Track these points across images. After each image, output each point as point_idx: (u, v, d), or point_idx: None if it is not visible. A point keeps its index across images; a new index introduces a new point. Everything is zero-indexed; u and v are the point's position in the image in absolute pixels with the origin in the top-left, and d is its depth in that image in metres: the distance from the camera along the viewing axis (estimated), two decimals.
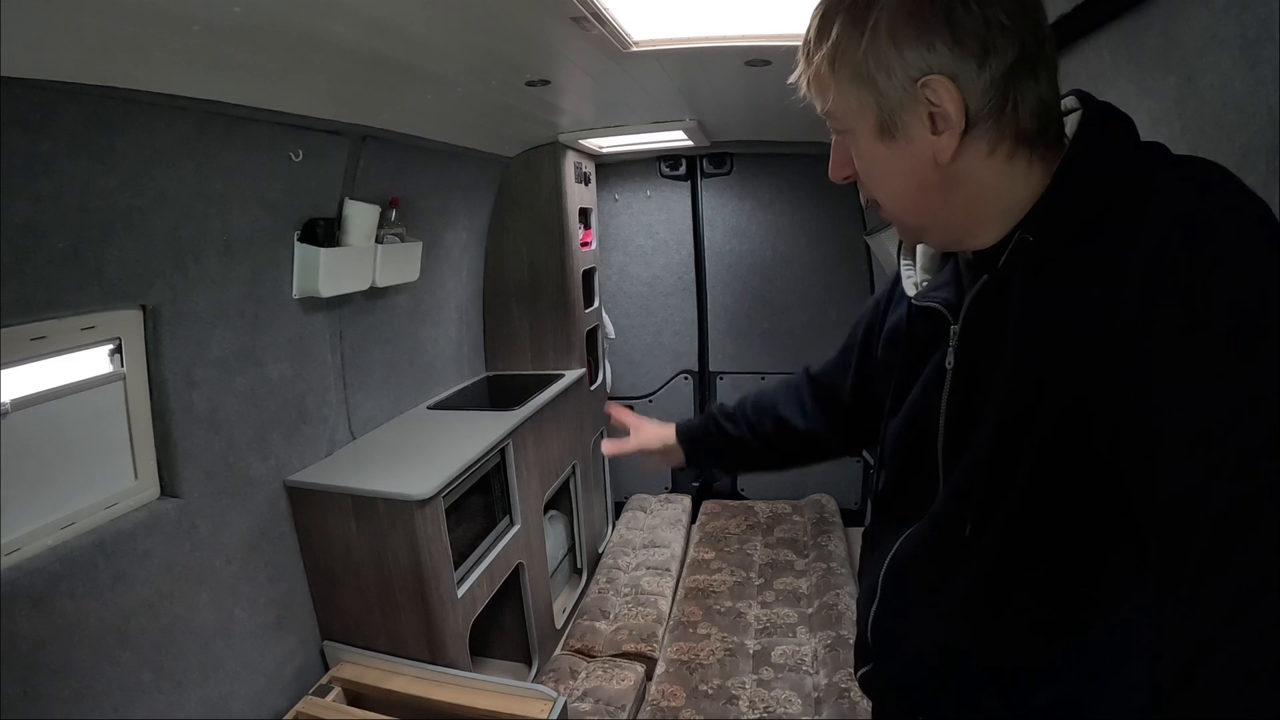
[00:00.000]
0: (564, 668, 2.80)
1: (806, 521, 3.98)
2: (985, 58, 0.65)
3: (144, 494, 1.78)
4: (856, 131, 0.74)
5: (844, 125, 0.75)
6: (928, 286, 0.89)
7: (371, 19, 1.46)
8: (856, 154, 0.76)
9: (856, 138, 0.75)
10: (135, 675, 1.67)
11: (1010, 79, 0.66)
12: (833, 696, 2.52)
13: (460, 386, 3.39)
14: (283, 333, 2.20)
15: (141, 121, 1.54)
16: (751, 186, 4.17)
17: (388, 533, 2.14)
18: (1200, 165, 0.63)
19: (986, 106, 0.67)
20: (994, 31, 0.65)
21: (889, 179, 0.75)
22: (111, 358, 1.71)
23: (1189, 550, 0.50)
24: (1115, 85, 1.20)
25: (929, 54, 0.66)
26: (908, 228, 0.82)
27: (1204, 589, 0.48)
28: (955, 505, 0.77)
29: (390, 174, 2.51)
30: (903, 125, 0.70)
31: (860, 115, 0.72)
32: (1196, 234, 0.56)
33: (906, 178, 0.73)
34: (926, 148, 0.70)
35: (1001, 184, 0.71)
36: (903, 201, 0.77)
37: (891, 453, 0.94)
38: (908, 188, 0.74)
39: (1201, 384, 0.52)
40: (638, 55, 1.99)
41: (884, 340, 1.01)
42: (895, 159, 0.73)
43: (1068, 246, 0.67)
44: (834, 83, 0.73)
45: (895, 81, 0.68)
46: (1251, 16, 0.86)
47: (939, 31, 0.65)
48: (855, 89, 0.71)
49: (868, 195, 0.79)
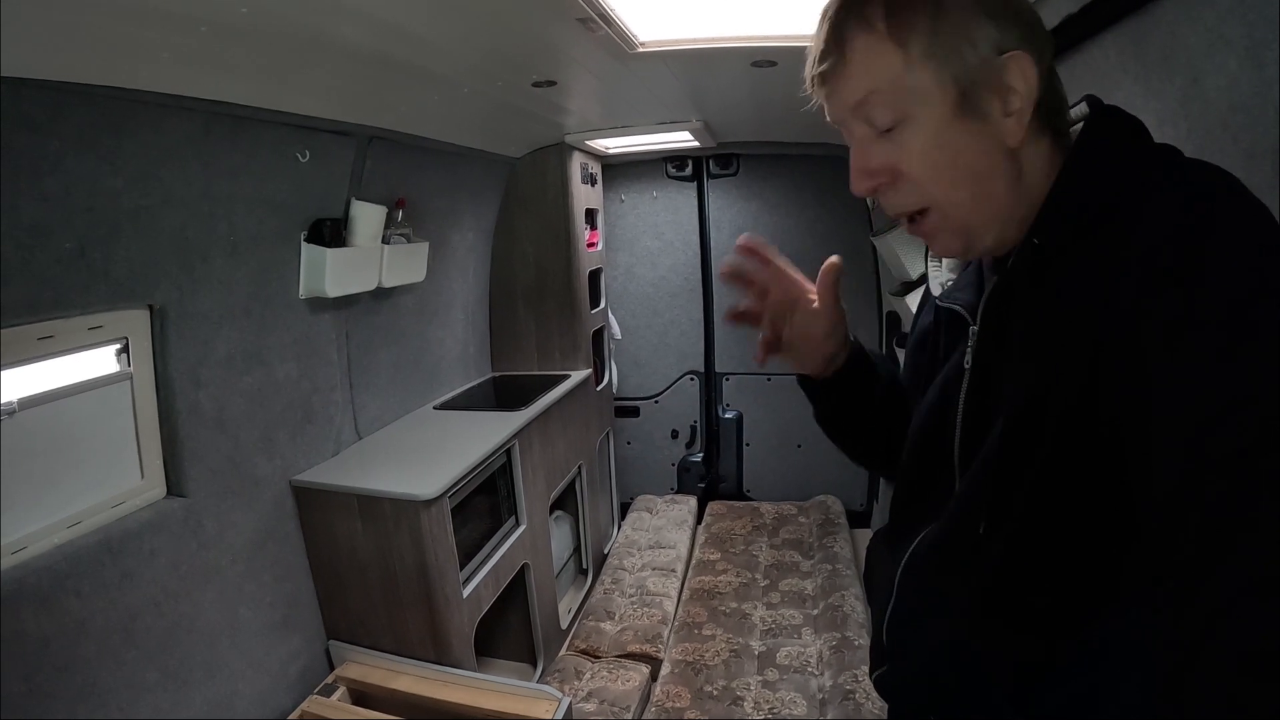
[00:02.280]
0: (569, 668, 2.80)
1: (812, 523, 3.97)
2: (1042, 46, 0.67)
3: (150, 493, 1.79)
4: (920, 117, 0.68)
5: (901, 113, 0.69)
6: (951, 287, 0.89)
7: (378, 20, 1.46)
8: (917, 146, 0.69)
9: (920, 124, 0.68)
10: (141, 674, 1.67)
11: (1053, 70, 0.69)
12: (838, 698, 2.51)
13: (466, 387, 3.40)
14: (289, 333, 2.20)
15: (148, 122, 1.55)
16: (758, 188, 4.16)
17: (393, 532, 2.15)
18: (1202, 168, 0.63)
19: (1044, 93, 0.67)
20: (1039, 25, 0.68)
21: (957, 169, 0.69)
22: (118, 357, 1.71)
23: (1184, 545, 0.49)
24: (1121, 87, 1.20)
25: (1007, 29, 0.66)
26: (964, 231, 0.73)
27: (1198, 584, 0.48)
28: (968, 504, 0.77)
29: (397, 175, 2.51)
30: (983, 102, 0.67)
31: (934, 96, 0.67)
32: (1193, 232, 0.56)
33: (977, 165, 0.69)
34: (999, 129, 0.68)
35: (1042, 177, 0.70)
36: (969, 194, 0.71)
37: (912, 453, 0.93)
38: (978, 176, 0.70)
39: (1195, 380, 0.52)
40: (644, 56, 1.99)
41: (914, 345, 1.01)
42: (970, 143, 0.68)
43: (1070, 247, 0.67)
44: (902, 59, 0.67)
45: (979, 52, 0.66)
46: (1258, 18, 0.85)
47: (1007, 12, 0.66)
48: (932, 64, 0.66)
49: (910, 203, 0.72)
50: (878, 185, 0.73)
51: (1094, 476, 0.63)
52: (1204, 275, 0.54)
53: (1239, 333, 0.51)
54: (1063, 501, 0.67)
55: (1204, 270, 0.54)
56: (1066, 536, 0.68)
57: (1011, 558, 0.73)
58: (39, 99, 1.31)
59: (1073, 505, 0.67)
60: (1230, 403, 0.49)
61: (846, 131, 0.74)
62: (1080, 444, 0.64)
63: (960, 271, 0.90)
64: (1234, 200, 0.58)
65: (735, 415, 4.40)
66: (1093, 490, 0.64)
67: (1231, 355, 0.50)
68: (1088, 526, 0.67)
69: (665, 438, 4.54)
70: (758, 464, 4.44)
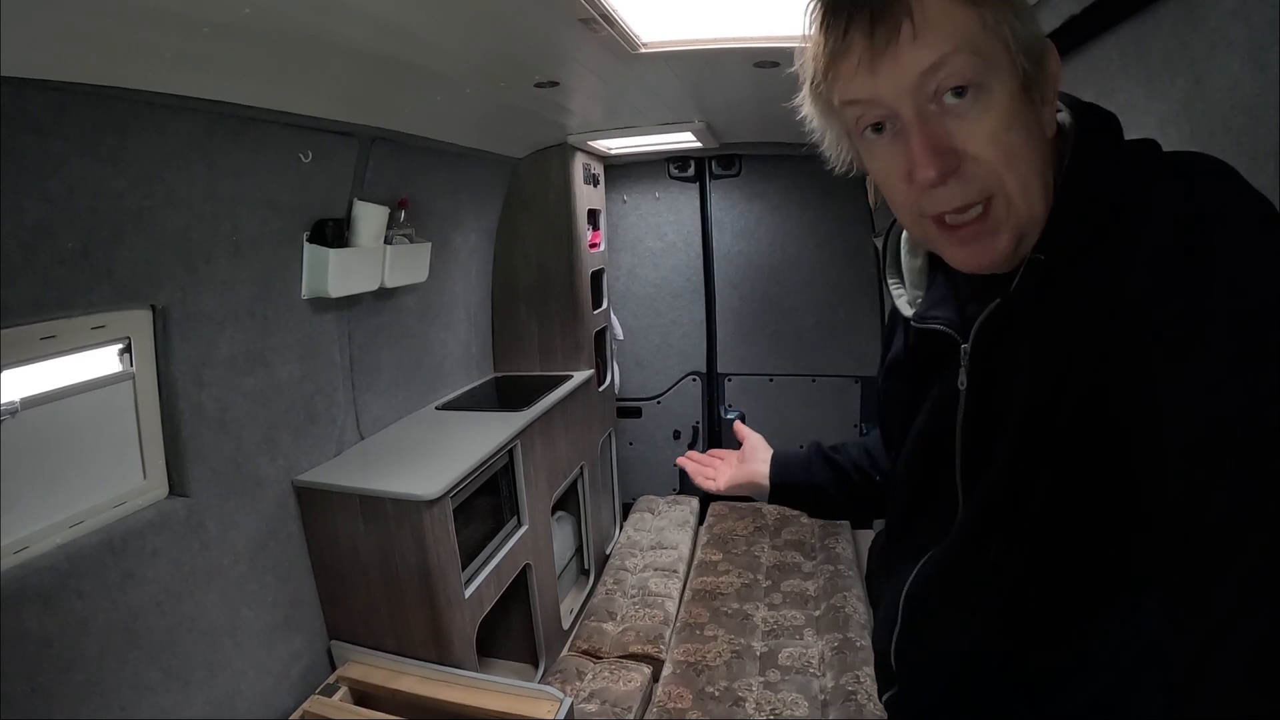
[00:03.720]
0: (571, 669, 2.80)
1: (814, 524, 3.96)
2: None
3: (153, 493, 1.79)
4: (994, 88, 0.62)
5: (978, 79, 0.62)
6: (923, 306, 0.85)
7: (381, 21, 1.46)
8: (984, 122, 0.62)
9: (994, 96, 0.62)
10: (143, 674, 1.67)
11: None
12: (839, 699, 2.50)
13: (469, 387, 3.40)
14: (292, 333, 2.21)
15: (152, 123, 1.55)
16: (760, 188, 4.16)
17: (395, 533, 2.15)
18: (1197, 162, 0.62)
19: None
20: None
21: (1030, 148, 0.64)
22: (121, 357, 1.72)
23: (1195, 550, 0.49)
24: (1124, 87, 1.20)
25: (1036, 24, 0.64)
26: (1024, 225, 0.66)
27: (1209, 589, 0.48)
28: (977, 526, 0.76)
29: (399, 175, 2.52)
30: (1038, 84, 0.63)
31: (1006, 65, 0.61)
32: (1195, 235, 0.55)
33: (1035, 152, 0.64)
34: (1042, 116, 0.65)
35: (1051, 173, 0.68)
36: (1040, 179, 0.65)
37: (906, 478, 0.92)
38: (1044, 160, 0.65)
39: (1205, 386, 0.51)
40: (646, 57, 1.99)
41: (886, 373, 0.97)
42: (1031, 125, 0.63)
43: (1075, 260, 0.65)
44: (976, 20, 0.61)
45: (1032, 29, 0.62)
46: (1260, 19, 0.85)
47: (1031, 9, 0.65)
48: (1004, 29, 0.61)
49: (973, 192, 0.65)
50: (949, 169, 0.63)
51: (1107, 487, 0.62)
52: (1211, 280, 0.53)
53: (1247, 337, 0.50)
54: (1078, 516, 0.66)
55: (1210, 275, 0.53)
56: (1082, 551, 0.68)
57: (1027, 576, 0.72)
58: (42, 100, 1.31)
59: (1088, 519, 0.66)
60: (1241, 406, 0.49)
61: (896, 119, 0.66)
62: (1093, 456, 0.63)
63: (925, 289, 0.87)
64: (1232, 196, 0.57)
65: (737, 416, 4.38)
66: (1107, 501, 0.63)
67: (1241, 359, 0.50)
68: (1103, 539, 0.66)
69: (667, 438, 4.54)
70: None
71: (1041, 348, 0.68)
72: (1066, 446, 0.65)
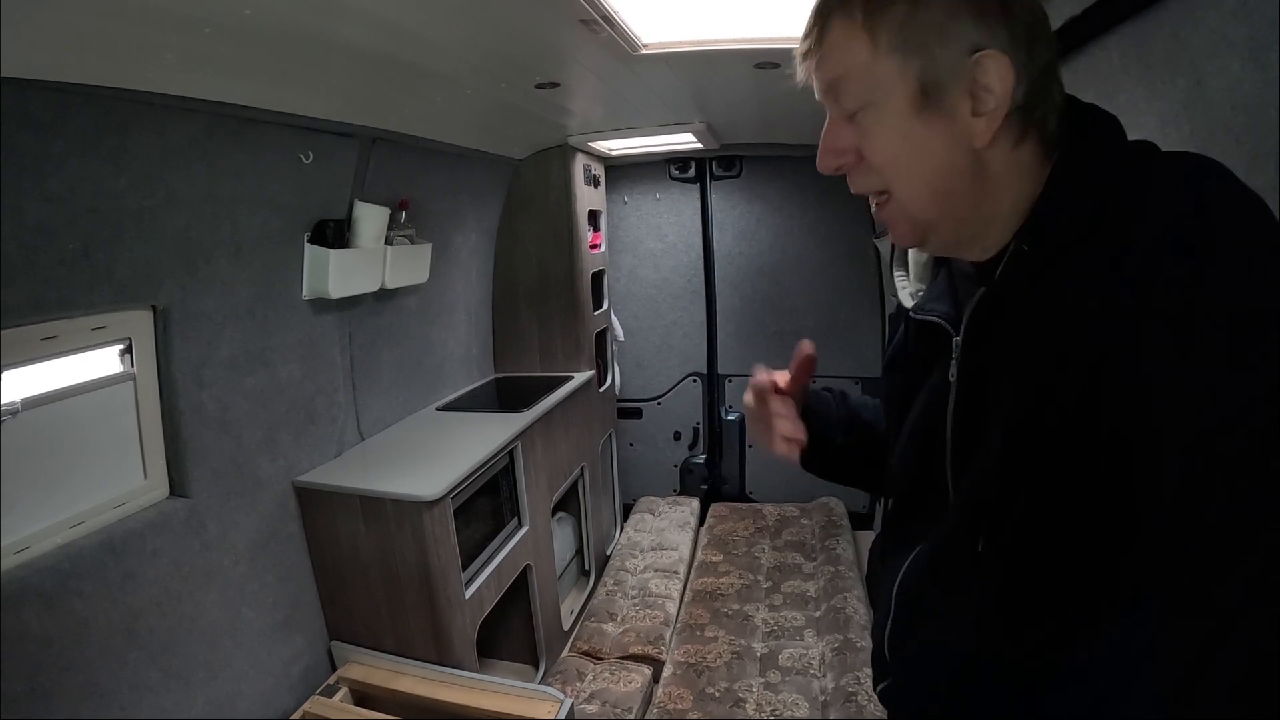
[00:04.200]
0: (571, 669, 2.80)
1: (815, 525, 3.97)
2: (1033, 48, 0.66)
3: (153, 493, 1.79)
4: (883, 105, 0.69)
5: (866, 98, 0.70)
6: (924, 298, 0.88)
7: (381, 22, 1.46)
8: (877, 133, 0.71)
9: (882, 112, 0.70)
10: (143, 674, 1.67)
11: (1046, 76, 0.67)
12: (840, 700, 2.50)
13: (469, 388, 3.40)
14: (292, 334, 2.21)
15: (152, 123, 1.55)
16: (760, 189, 4.17)
17: (396, 534, 2.15)
18: (1193, 163, 0.62)
19: (1024, 98, 0.67)
20: (1039, 27, 0.67)
21: (916, 161, 0.70)
22: (122, 358, 1.72)
23: (1193, 551, 0.50)
24: (1124, 88, 1.20)
25: (987, 29, 0.66)
26: (919, 223, 0.74)
27: (1207, 590, 0.48)
28: (965, 518, 0.76)
29: (400, 176, 2.52)
30: (946, 99, 0.67)
31: (895, 85, 0.68)
32: (1191, 236, 0.55)
33: (936, 159, 0.69)
34: (965, 128, 0.67)
35: (1017, 182, 0.70)
36: (926, 187, 0.71)
37: (900, 470, 0.92)
38: (935, 171, 0.70)
39: (1199, 388, 0.51)
40: (647, 58, 1.99)
41: (889, 362, 1.00)
42: (929, 137, 0.69)
43: (1063, 254, 0.66)
44: (870, 48, 0.68)
45: (950, 50, 0.66)
46: (1260, 19, 0.85)
47: (996, 13, 0.66)
48: (898, 55, 0.67)
49: (870, 187, 0.74)
50: (841, 165, 0.75)
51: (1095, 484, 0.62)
52: (1206, 280, 0.53)
53: (1241, 340, 0.50)
54: (1063, 510, 0.66)
55: (1206, 275, 0.53)
56: (1066, 545, 0.67)
57: (1011, 568, 0.72)
58: (43, 100, 1.32)
59: (1074, 516, 0.66)
60: (1238, 407, 0.49)
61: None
62: (1080, 453, 0.63)
63: (929, 281, 0.90)
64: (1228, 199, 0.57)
65: (738, 417, 4.39)
66: (1093, 499, 0.63)
67: (1234, 363, 0.50)
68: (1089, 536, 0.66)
69: (668, 439, 4.55)
70: (760, 466, 4.44)
71: (1029, 342, 0.68)
72: (1052, 444, 0.65)
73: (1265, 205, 0.56)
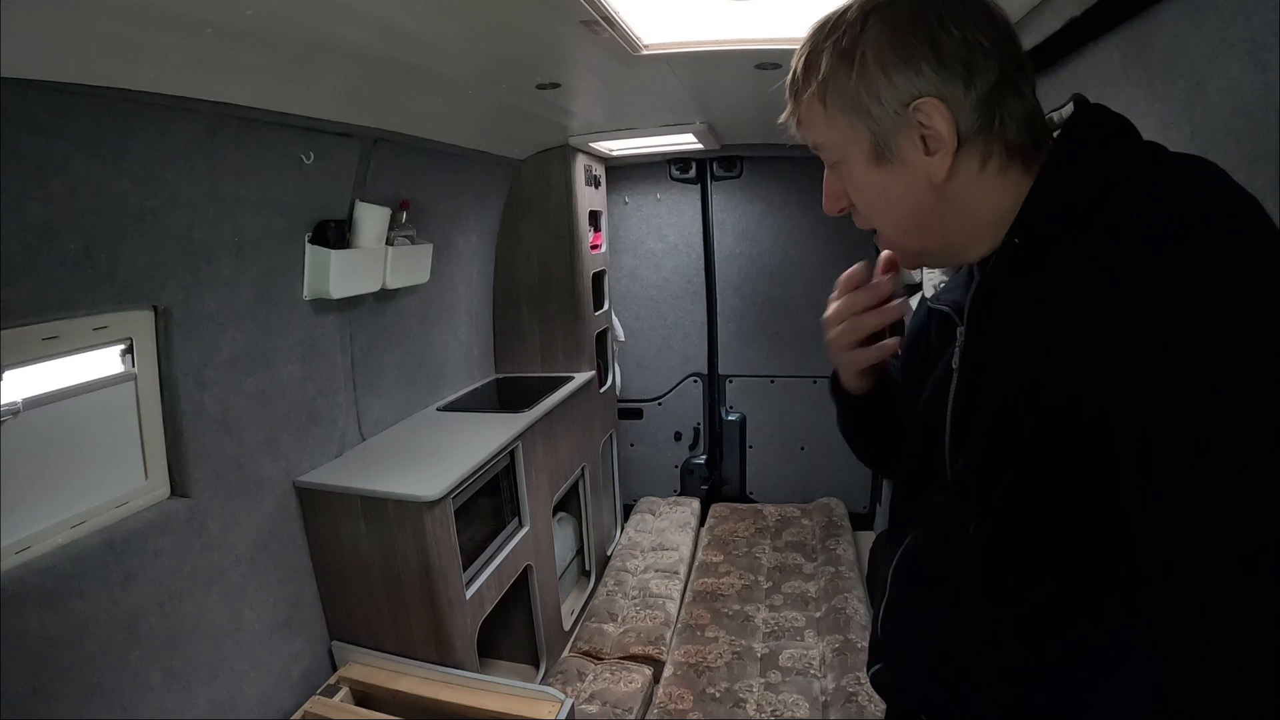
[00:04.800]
0: (571, 670, 2.80)
1: (815, 525, 3.97)
2: (970, 78, 0.68)
3: (154, 494, 1.79)
4: (850, 161, 0.76)
5: (837, 156, 0.78)
6: (943, 288, 0.91)
7: (382, 22, 1.46)
8: (852, 184, 0.78)
9: (850, 167, 0.77)
10: (144, 674, 1.67)
11: (995, 96, 0.69)
12: (840, 700, 2.51)
13: (470, 388, 3.40)
14: (293, 334, 2.21)
15: (154, 124, 1.55)
16: (761, 190, 4.16)
17: (397, 534, 2.15)
18: (1191, 163, 0.63)
19: (976, 124, 0.69)
20: (975, 53, 0.68)
21: (886, 205, 0.77)
22: (123, 358, 1.72)
23: (1187, 549, 0.50)
24: (1124, 89, 1.20)
25: (917, 78, 0.69)
26: (908, 252, 0.83)
27: (1202, 588, 0.48)
28: (956, 504, 0.78)
29: (401, 176, 2.52)
30: (897, 149, 0.72)
31: (853, 144, 0.75)
32: (1185, 232, 0.55)
33: (903, 201, 0.75)
34: (921, 169, 0.72)
35: (994, 197, 0.72)
36: (902, 226, 0.79)
37: (907, 455, 0.94)
38: (905, 211, 0.76)
39: (1194, 384, 0.51)
40: (648, 58, 1.99)
41: (907, 347, 1.03)
42: (891, 184, 0.75)
43: (1053, 246, 0.68)
44: (825, 116, 0.75)
45: (887, 107, 0.71)
46: (1260, 21, 0.85)
47: (924, 56, 0.68)
48: (847, 118, 0.74)
49: (865, 225, 0.81)
50: (842, 207, 0.82)
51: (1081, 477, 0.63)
52: (1198, 276, 0.53)
53: (1234, 337, 0.51)
54: (1044, 503, 0.67)
55: (1198, 271, 0.54)
56: (1051, 536, 0.68)
57: (995, 556, 0.73)
58: (45, 100, 1.32)
59: (1054, 507, 0.67)
60: (1231, 406, 0.49)
61: None
62: (1067, 445, 0.64)
63: (954, 273, 0.91)
64: (1223, 198, 0.57)
65: (738, 417, 4.40)
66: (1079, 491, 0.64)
67: (1230, 357, 0.50)
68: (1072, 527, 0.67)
69: (668, 440, 4.55)
70: (761, 466, 4.44)
71: (1017, 331, 0.71)
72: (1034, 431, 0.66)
73: (1259, 205, 0.56)
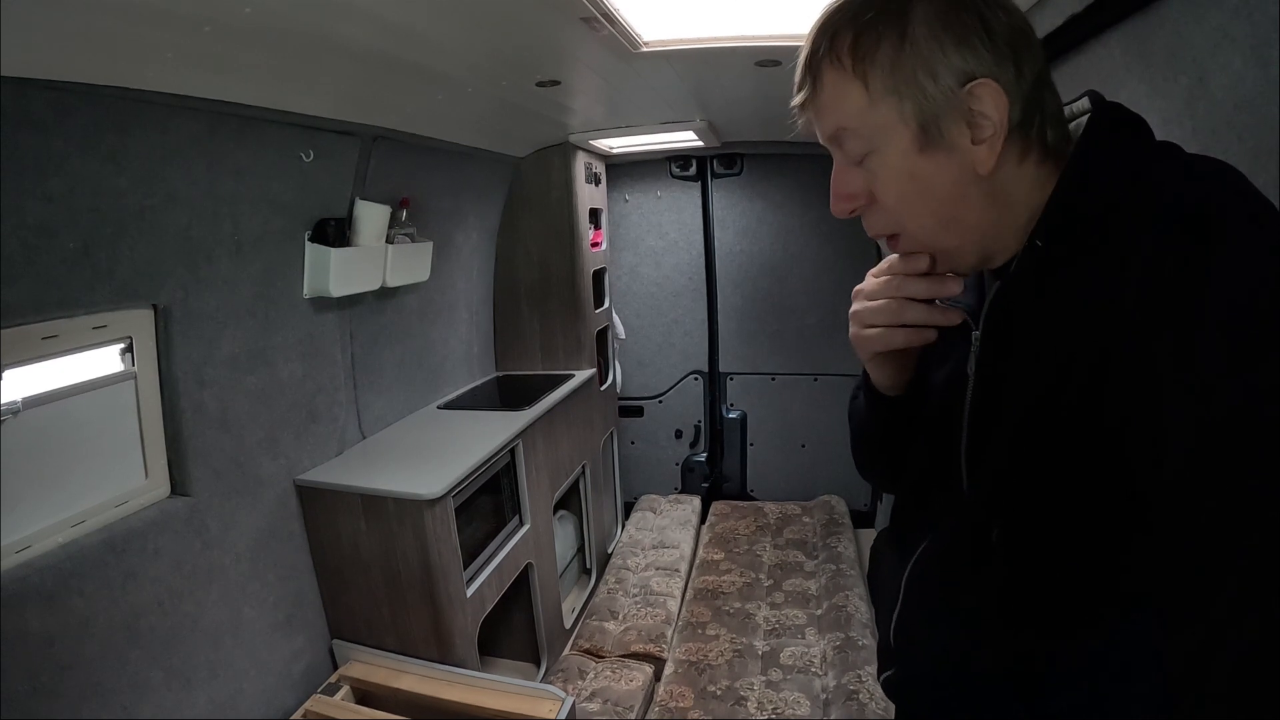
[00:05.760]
0: (572, 668, 2.80)
1: (816, 523, 3.97)
2: (1020, 64, 0.66)
3: (154, 492, 1.79)
4: (885, 150, 0.70)
5: (868, 145, 0.71)
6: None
7: (382, 20, 1.46)
8: (885, 175, 0.71)
9: (887, 155, 0.70)
10: (144, 673, 1.67)
11: (1040, 86, 0.67)
12: (841, 698, 2.50)
13: (470, 386, 3.40)
14: (293, 332, 2.21)
15: (153, 122, 1.55)
16: (762, 187, 4.16)
17: (397, 532, 2.15)
18: (1207, 164, 0.62)
19: (1021, 114, 0.67)
20: (1022, 38, 0.66)
21: (923, 197, 0.71)
22: (122, 357, 1.72)
23: (1194, 551, 0.50)
24: (1126, 85, 1.19)
25: (972, 56, 0.65)
26: (941, 250, 0.75)
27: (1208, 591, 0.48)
28: (978, 510, 0.77)
29: (401, 174, 2.51)
30: (947, 134, 0.67)
31: (895, 129, 0.69)
32: (1199, 234, 0.55)
33: (944, 193, 0.70)
34: (968, 158, 0.68)
35: (1029, 193, 0.70)
36: (939, 220, 0.72)
37: (918, 456, 0.93)
38: (946, 203, 0.71)
39: (1205, 387, 0.51)
40: (648, 56, 1.99)
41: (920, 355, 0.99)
42: (935, 173, 0.69)
43: (1074, 249, 0.66)
44: (862, 95, 0.69)
45: (941, 86, 0.66)
46: (1263, 16, 0.85)
47: (977, 33, 0.65)
48: (893, 98, 0.68)
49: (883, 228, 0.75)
50: (854, 209, 0.76)
51: (1104, 480, 0.63)
52: (1212, 280, 0.53)
53: (1247, 341, 0.50)
54: (1072, 505, 0.67)
55: (1212, 275, 0.53)
56: (1074, 541, 0.68)
57: (1019, 562, 0.72)
58: (44, 99, 1.31)
59: (1079, 511, 0.66)
60: (1238, 409, 0.49)
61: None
62: (1090, 448, 0.63)
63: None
64: (1238, 199, 0.57)
65: (739, 415, 4.40)
66: (1102, 494, 0.63)
67: (1240, 363, 0.50)
68: (1094, 532, 0.66)
69: (669, 437, 4.54)
70: (761, 464, 4.44)
71: (1040, 336, 0.69)
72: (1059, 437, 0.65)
73: (1274, 207, 0.56)
